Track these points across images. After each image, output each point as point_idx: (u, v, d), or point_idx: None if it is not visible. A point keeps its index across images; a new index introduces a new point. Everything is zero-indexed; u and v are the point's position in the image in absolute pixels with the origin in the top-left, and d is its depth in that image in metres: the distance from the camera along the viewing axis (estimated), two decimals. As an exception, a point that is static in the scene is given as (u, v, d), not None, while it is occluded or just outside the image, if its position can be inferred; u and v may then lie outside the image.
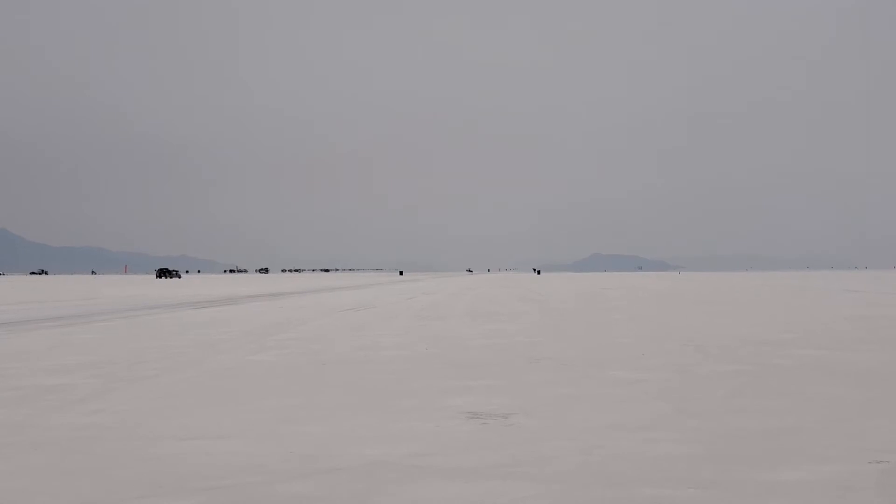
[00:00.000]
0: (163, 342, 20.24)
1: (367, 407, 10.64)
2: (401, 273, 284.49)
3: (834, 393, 11.36)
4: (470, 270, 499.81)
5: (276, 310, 36.49)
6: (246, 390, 12.17)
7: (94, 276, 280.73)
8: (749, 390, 11.67)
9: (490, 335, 21.14)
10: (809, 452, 7.88)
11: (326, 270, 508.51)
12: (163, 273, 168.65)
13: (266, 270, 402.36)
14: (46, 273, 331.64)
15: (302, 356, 16.69)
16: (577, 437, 8.65)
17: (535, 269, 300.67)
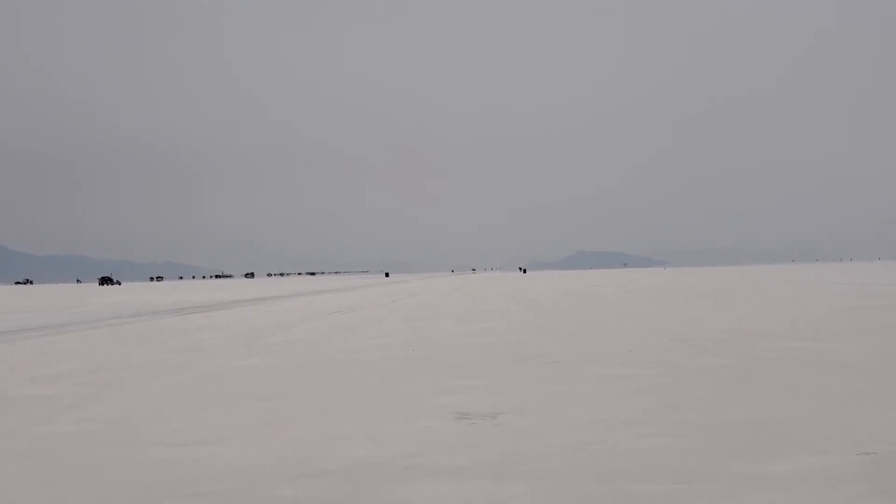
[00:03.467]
0: (151, 348, 20.17)
1: (357, 409, 10.63)
2: (387, 275, 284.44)
3: (822, 384, 11.42)
4: (474, 269, 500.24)
5: (264, 314, 36.42)
6: (235, 394, 12.14)
7: (79, 284, 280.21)
8: (738, 383, 11.71)
9: (478, 334, 21.15)
10: (799, 444, 7.92)
11: (312, 274, 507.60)
12: (105, 281, 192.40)
13: (252, 275, 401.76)
14: (31, 282, 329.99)
15: (290, 359, 16.66)
16: (566, 434, 8.66)
17: (521, 268, 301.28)
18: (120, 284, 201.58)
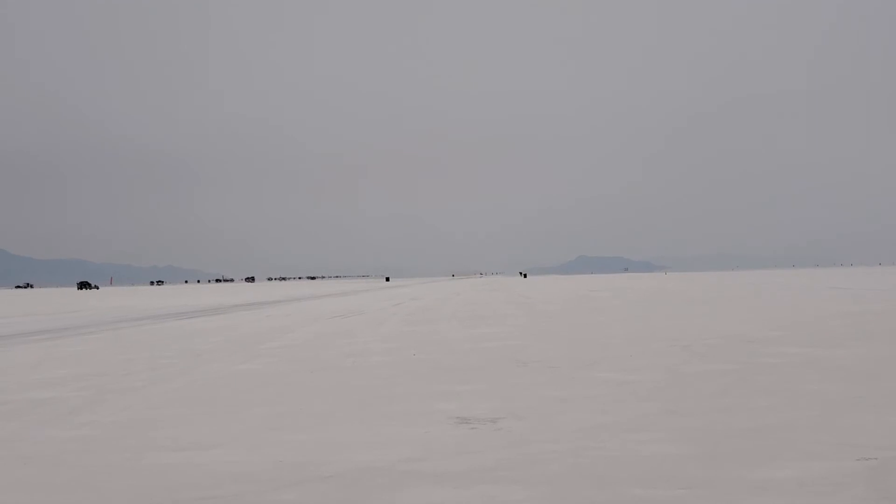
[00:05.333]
0: (150, 353, 20.17)
1: (356, 413, 10.63)
2: (387, 279, 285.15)
3: (822, 390, 11.42)
4: (482, 273, 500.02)
5: (264, 318, 36.41)
6: (234, 399, 12.14)
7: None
8: (737, 389, 11.71)
9: (477, 339, 21.15)
10: (798, 450, 7.92)
11: (313, 278, 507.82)
12: (83, 285, 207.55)
13: (252, 279, 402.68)
14: (32, 286, 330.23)
15: (290, 364, 16.66)
16: (566, 439, 8.67)
17: (521, 273, 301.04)
18: (98, 288, 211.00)
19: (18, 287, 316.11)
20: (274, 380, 14.26)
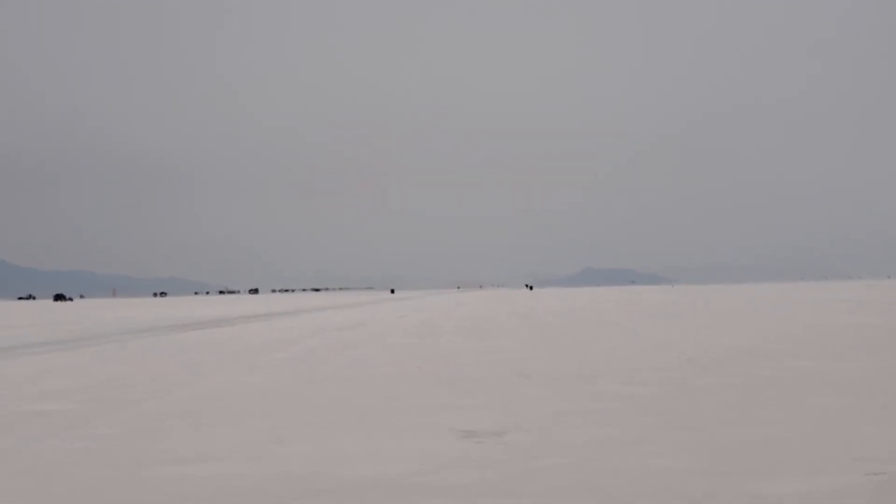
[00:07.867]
0: (151, 365, 20.12)
1: (360, 426, 10.57)
2: (392, 291, 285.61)
3: (826, 402, 11.34)
4: (496, 286, 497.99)
5: (267, 330, 36.37)
6: (236, 412, 12.08)
7: (81, 300, 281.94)
8: (742, 402, 11.64)
9: (482, 352, 21.09)
10: (804, 463, 7.85)
11: (317, 290, 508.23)
12: (59, 297, 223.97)
13: (256, 291, 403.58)
14: (34, 298, 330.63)
15: (293, 376, 16.61)
16: (570, 452, 8.60)
17: (527, 285, 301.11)
18: (73, 300, 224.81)
19: (21, 298, 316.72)
20: (277, 392, 14.20)
